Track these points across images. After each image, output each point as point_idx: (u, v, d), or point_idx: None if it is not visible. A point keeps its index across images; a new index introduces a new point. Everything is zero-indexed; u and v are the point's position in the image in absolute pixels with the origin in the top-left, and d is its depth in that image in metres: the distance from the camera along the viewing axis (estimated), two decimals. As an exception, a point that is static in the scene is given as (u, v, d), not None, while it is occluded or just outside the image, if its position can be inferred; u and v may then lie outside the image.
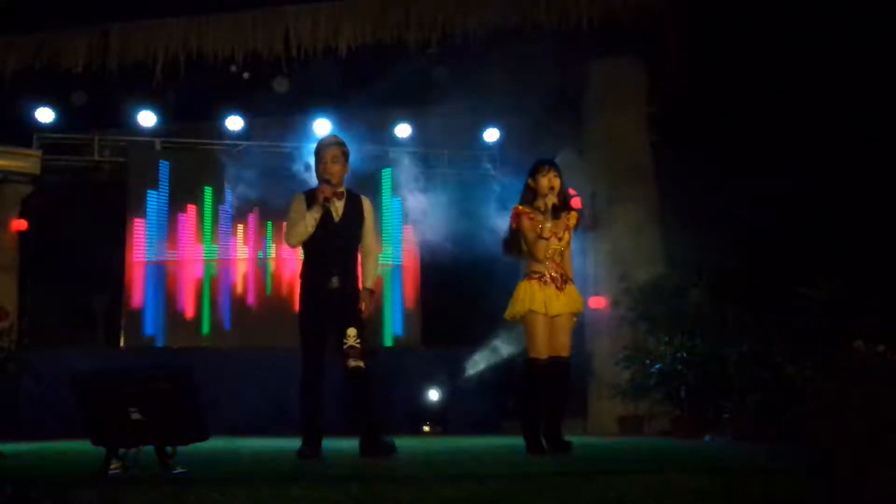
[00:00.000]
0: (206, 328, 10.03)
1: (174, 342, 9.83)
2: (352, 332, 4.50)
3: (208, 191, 10.24)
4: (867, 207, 6.90)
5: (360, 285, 4.77)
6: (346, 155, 4.73)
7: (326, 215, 4.63)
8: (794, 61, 7.45)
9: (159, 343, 9.81)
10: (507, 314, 4.86)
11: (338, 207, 4.69)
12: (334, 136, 4.83)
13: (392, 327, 10.29)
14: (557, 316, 4.77)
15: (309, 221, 4.57)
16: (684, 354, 7.34)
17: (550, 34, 8.59)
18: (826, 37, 7.15)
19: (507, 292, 4.92)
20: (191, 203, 10.22)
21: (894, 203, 6.65)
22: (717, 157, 8.09)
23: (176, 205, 10.18)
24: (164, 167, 10.20)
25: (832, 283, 5.81)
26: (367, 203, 4.83)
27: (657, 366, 7.50)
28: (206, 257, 10.19)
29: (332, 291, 4.59)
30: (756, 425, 6.14)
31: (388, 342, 10.22)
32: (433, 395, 8.91)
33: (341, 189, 4.72)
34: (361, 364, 4.50)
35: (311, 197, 4.68)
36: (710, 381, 7.07)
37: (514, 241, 4.88)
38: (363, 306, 4.67)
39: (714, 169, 8.10)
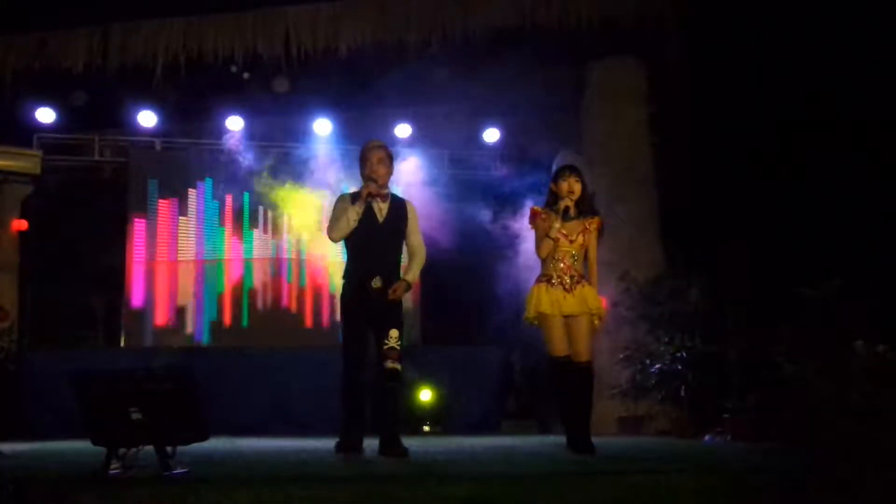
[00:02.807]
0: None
1: (174, 342, 9.83)
2: (394, 333, 4.55)
3: (206, 190, 10.24)
4: (867, 207, 6.89)
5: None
6: (391, 157, 4.81)
7: (370, 216, 4.69)
8: (794, 61, 7.45)
9: (158, 343, 9.80)
10: (524, 318, 4.98)
11: (382, 209, 4.74)
12: (379, 139, 4.90)
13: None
14: (572, 316, 4.81)
15: (351, 216, 4.61)
16: (684, 354, 7.34)
17: (550, 34, 8.59)
18: (827, 37, 7.15)
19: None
20: (189, 203, 10.22)
21: (894, 203, 6.65)
22: (717, 157, 8.09)
23: (175, 204, 10.18)
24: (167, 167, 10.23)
25: (832, 283, 5.81)
26: (410, 206, 4.90)
27: (657, 366, 7.50)
28: (205, 257, 10.18)
29: (375, 291, 4.62)
30: (756, 425, 6.14)
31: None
32: (433, 395, 8.90)
33: (386, 191, 4.78)
34: (399, 367, 4.54)
35: (355, 196, 4.74)
36: (710, 381, 7.08)
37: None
38: (394, 288, 4.66)
39: (713, 169, 8.11)
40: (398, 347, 4.55)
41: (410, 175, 10.56)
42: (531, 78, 8.83)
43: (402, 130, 10.61)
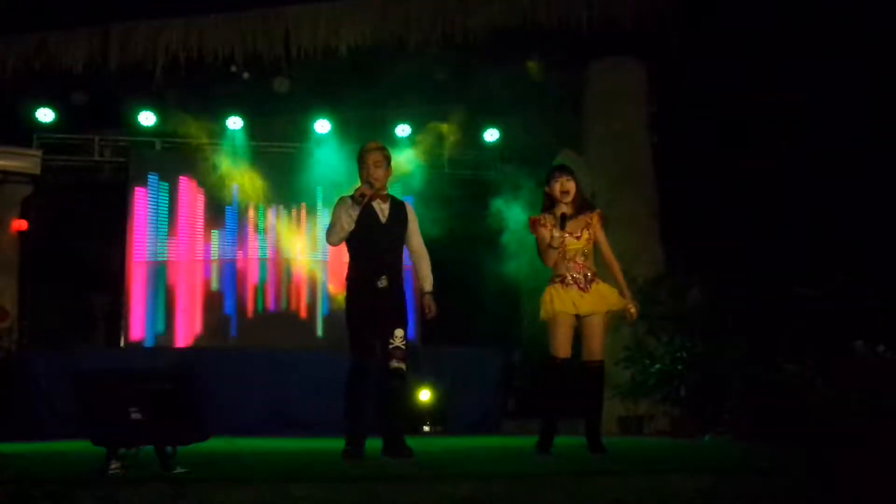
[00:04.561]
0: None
1: (173, 342, 9.83)
2: (399, 333, 4.54)
3: (206, 191, 10.24)
4: (867, 207, 6.90)
5: (402, 286, 4.82)
6: (388, 159, 4.77)
7: (373, 216, 4.69)
8: (793, 61, 7.45)
9: (158, 343, 9.80)
10: (541, 319, 4.88)
11: (383, 209, 4.75)
12: (376, 141, 4.88)
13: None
14: (588, 316, 4.78)
15: (345, 220, 4.61)
16: (684, 354, 7.33)
17: (550, 34, 8.59)
18: (826, 37, 7.16)
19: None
20: (190, 203, 10.23)
21: (893, 203, 6.65)
22: (717, 156, 8.10)
23: (176, 205, 10.19)
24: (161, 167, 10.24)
25: (832, 283, 5.81)
26: (409, 208, 4.92)
27: (657, 366, 7.50)
28: (206, 257, 10.18)
29: (380, 291, 4.62)
30: (756, 425, 6.14)
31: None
32: (433, 395, 8.90)
33: (385, 192, 4.78)
34: (404, 367, 4.52)
35: (353, 198, 4.73)
36: (710, 381, 7.07)
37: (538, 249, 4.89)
38: (428, 310, 4.79)
39: (714, 169, 8.11)
40: (403, 347, 4.54)
41: (410, 175, 10.57)
42: (531, 78, 8.82)
43: (403, 130, 10.61)
